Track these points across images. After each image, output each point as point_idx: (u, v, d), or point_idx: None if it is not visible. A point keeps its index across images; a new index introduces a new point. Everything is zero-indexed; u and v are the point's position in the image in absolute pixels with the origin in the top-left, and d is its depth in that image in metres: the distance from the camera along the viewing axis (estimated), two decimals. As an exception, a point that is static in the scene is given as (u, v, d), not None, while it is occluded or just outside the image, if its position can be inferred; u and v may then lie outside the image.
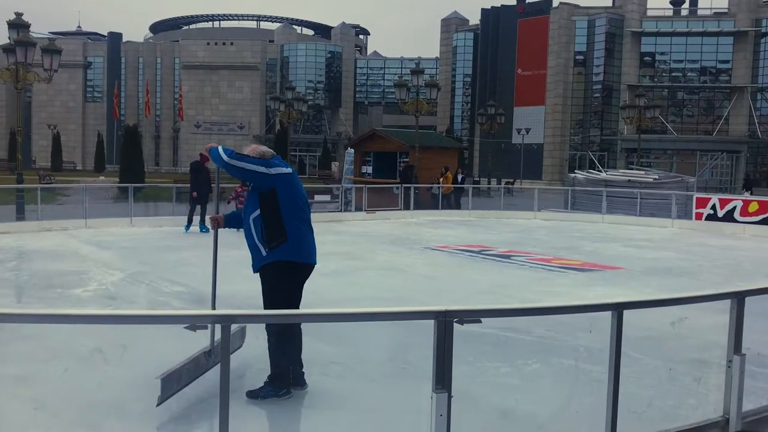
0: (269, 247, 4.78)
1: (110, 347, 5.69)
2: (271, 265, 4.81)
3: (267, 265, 4.83)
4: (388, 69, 79.75)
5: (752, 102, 59.06)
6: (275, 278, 4.83)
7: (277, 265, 4.79)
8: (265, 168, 4.73)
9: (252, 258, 4.97)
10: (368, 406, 5.10)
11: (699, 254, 14.21)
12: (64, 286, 9.08)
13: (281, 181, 4.78)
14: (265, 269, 4.86)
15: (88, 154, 76.33)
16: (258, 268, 4.93)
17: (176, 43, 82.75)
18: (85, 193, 17.05)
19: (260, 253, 4.85)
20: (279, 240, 4.76)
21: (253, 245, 4.90)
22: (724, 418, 4.29)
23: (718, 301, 4.43)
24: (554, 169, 62.33)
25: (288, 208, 4.79)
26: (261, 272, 4.92)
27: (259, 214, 4.79)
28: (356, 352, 6.14)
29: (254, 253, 4.92)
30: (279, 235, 4.76)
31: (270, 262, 4.80)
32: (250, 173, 4.73)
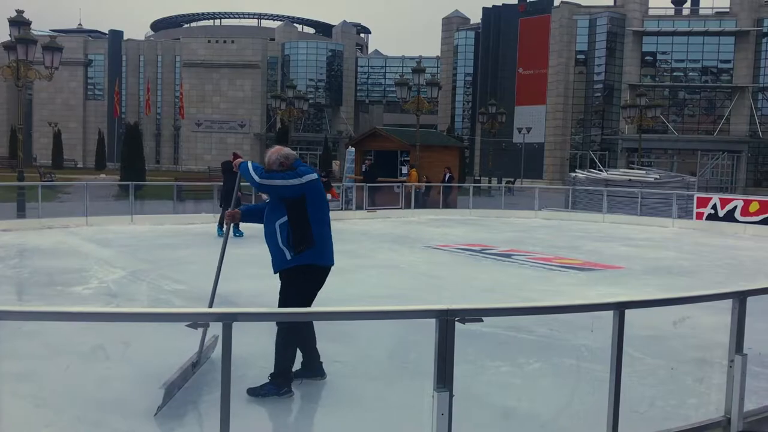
0: (295, 252, 4.83)
1: (112, 345, 5.70)
2: (295, 269, 4.86)
3: (291, 269, 4.88)
4: (389, 68, 79.70)
5: (753, 102, 59.02)
6: (300, 281, 4.90)
7: (302, 269, 4.86)
8: (297, 179, 4.80)
9: (273, 259, 5.00)
10: (369, 404, 5.10)
11: (700, 254, 14.20)
12: (65, 283, 9.08)
13: (311, 187, 4.85)
14: (288, 272, 4.91)
15: (88, 151, 76.33)
16: (280, 270, 4.96)
17: (177, 41, 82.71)
18: (86, 191, 17.05)
19: (284, 256, 4.87)
20: (306, 245, 4.82)
21: (276, 249, 4.91)
22: (726, 418, 4.29)
23: (719, 300, 4.42)
24: (555, 168, 62.32)
25: (315, 213, 4.88)
26: (284, 274, 4.96)
27: (287, 220, 4.83)
28: (358, 350, 6.14)
29: (277, 256, 4.94)
30: (306, 240, 4.82)
31: (295, 265, 4.85)
32: (284, 188, 4.80)
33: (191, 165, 74.70)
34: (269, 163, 4.97)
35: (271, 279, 10.22)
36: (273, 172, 4.86)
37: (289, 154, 4.98)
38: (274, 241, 4.90)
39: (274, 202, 4.92)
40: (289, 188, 4.78)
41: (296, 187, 4.79)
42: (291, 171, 4.85)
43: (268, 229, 4.95)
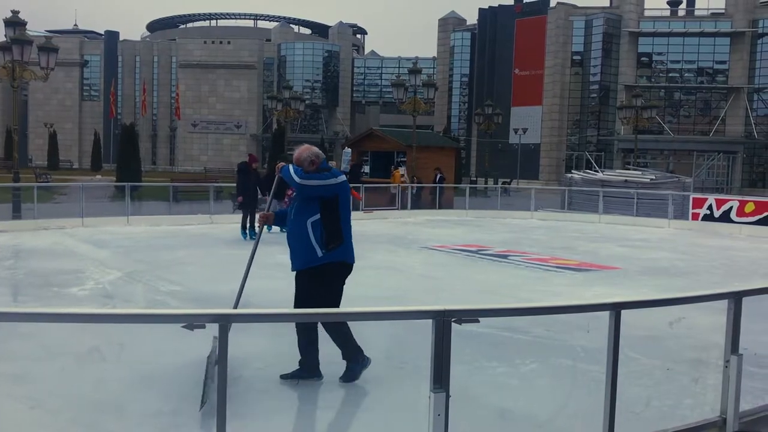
0: (327, 249, 5.02)
1: (107, 346, 5.68)
2: (326, 266, 5.05)
3: (322, 266, 5.04)
4: (385, 68, 79.76)
5: (749, 102, 59.20)
6: (330, 277, 5.09)
7: (332, 266, 5.06)
8: (334, 179, 5.07)
9: (298, 256, 5.13)
10: (366, 405, 5.10)
11: (696, 254, 14.23)
12: (61, 284, 9.06)
13: (343, 188, 5.14)
14: (317, 269, 5.05)
15: (84, 152, 76.23)
16: (308, 266, 5.08)
17: (173, 42, 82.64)
18: (81, 192, 17.01)
19: (315, 253, 5.02)
20: (337, 242, 5.05)
21: (307, 246, 5.04)
22: (722, 418, 4.29)
23: (715, 301, 4.43)
24: (551, 169, 62.41)
25: (344, 212, 5.14)
26: (311, 271, 5.08)
27: (319, 218, 5.02)
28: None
29: (306, 253, 5.07)
30: (337, 238, 5.05)
31: (326, 262, 5.04)
32: (323, 188, 5.03)
33: (187, 166, 74.65)
34: (300, 160, 5.13)
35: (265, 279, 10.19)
36: (306, 170, 5.08)
37: (319, 153, 5.18)
38: (304, 238, 5.03)
39: (305, 202, 5.07)
40: (327, 188, 5.02)
41: (333, 186, 5.04)
42: (326, 172, 5.07)
43: (297, 228, 5.08)
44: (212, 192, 19.00)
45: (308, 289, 5.11)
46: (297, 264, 5.15)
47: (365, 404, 5.12)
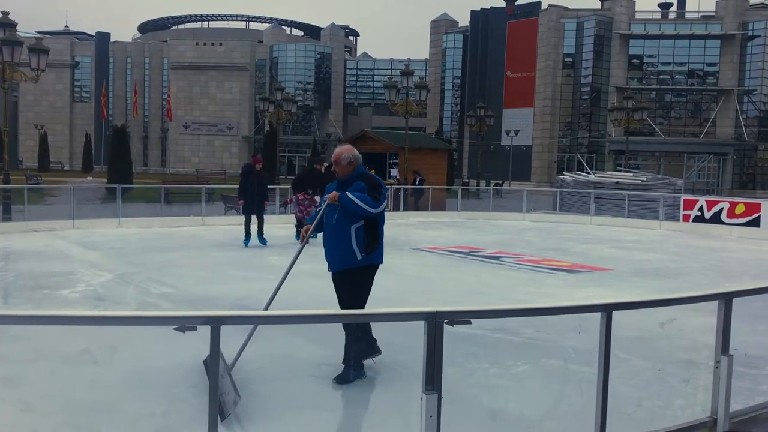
0: (366, 252, 5.28)
1: (99, 348, 5.66)
2: (364, 268, 5.34)
3: (360, 268, 5.31)
4: (377, 70, 79.82)
5: (739, 105, 59.55)
6: (369, 278, 5.40)
7: (369, 268, 5.39)
8: (385, 197, 5.38)
9: (337, 259, 5.35)
10: (358, 407, 5.10)
11: (687, 255, 14.29)
12: (52, 287, 9.02)
13: (385, 196, 5.41)
14: (357, 270, 5.31)
15: (75, 154, 75.93)
16: (346, 268, 5.31)
17: (165, 43, 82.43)
18: (72, 194, 16.94)
19: (354, 257, 5.26)
20: (374, 246, 5.33)
21: (347, 249, 5.26)
22: (712, 419, 4.32)
23: (706, 302, 4.46)
24: (543, 170, 62.59)
25: (382, 217, 5.42)
26: (351, 272, 5.31)
27: (362, 225, 5.27)
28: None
29: (345, 256, 5.29)
30: (375, 241, 5.33)
31: (365, 265, 5.32)
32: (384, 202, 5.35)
33: (179, 167, 74.43)
34: (340, 159, 5.30)
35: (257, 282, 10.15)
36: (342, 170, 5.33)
37: (358, 156, 5.37)
38: (345, 242, 5.24)
39: (348, 210, 5.22)
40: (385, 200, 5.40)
41: (385, 198, 5.41)
42: (379, 188, 5.27)
43: (339, 232, 5.27)
44: (204, 194, 18.95)
45: (349, 289, 5.35)
46: (336, 266, 5.37)
47: (358, 406, 5.12)
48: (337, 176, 5.40)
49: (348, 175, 5.30)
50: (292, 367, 5.86)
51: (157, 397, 4.97)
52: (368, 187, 5.21)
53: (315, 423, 4.75)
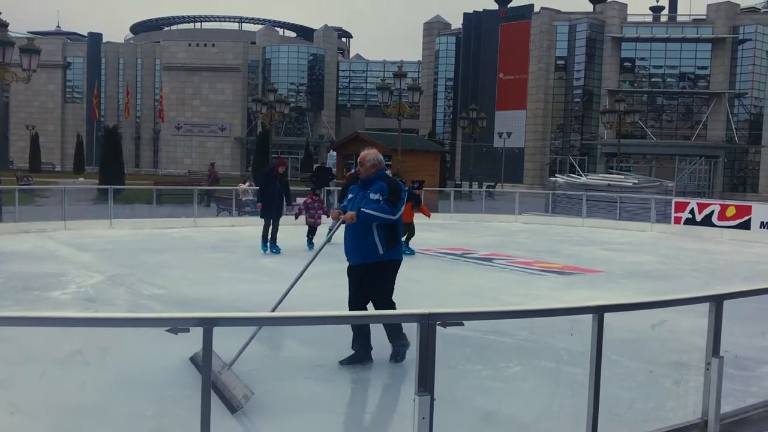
0: (387, 247, 5.71)
1: (90, 350, 5.62)
2: (387, 263, 5.79)
3: (383, 262, 5.75)
4: (370, 72, 79.78)
5: (730, 108, 59.86)
6: (393, 271, 5.89)
7: (393, 263, 5.85)
8: (404, 194, 5.90)
9: (359, 253, 5.77)
10: (351, 408, 5.10)
11: (678, 258, 14.35)
12: (42, 288, 8.97)
13: (404, 200, 5.89)
14: (378, 264, 5.74)
15: (67, 155, 75.53)
16: (366, 262, 5.74)
17: (157, 44, 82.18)
18: (64, 195, 16.87)
19: (376, 251, 5.69)
20: (395, 242, 5.79)
21: (369, 244, 5.69)
22: (703, 420, 4.34)
23: (697, 304, 4.48)
24: (535, 173, 62.73)
25: (400, 218, 5.83)
26: (372, 266, 5.73)
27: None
28: (340, 354, 6.12)
29: (367, 251, 5.71)
30: (396, 238, 5.81)
31: (388, 259, 5.76)
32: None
33: (171, 169, 74.16)
34: (365, 160, 5.78)
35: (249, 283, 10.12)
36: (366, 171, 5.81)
37: (382, 160, 5.89)
38: (369, 236, 5.67)
39: (371, 205, 5.66)
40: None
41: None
42: (399, 191, 5.73)
43: (363, 229, 5.68)
44: (196, 195, 18.91)
45: (366, 282, 5.75)
46: (357, 259, 5.78)
47: (350, 407, 5.11)
48: (361, 176, 5.86)
49: (371, 176, 5.78)
50: (285, 368, 5.86)
51: (148, 398, 4.95)
52: (389, 188, 5.67)
53: (308, 424, 4.74)
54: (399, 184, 5.90)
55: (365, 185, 5.79)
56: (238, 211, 19.88)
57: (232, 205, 19.77)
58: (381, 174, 5.83)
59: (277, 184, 13.10)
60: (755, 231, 18.01)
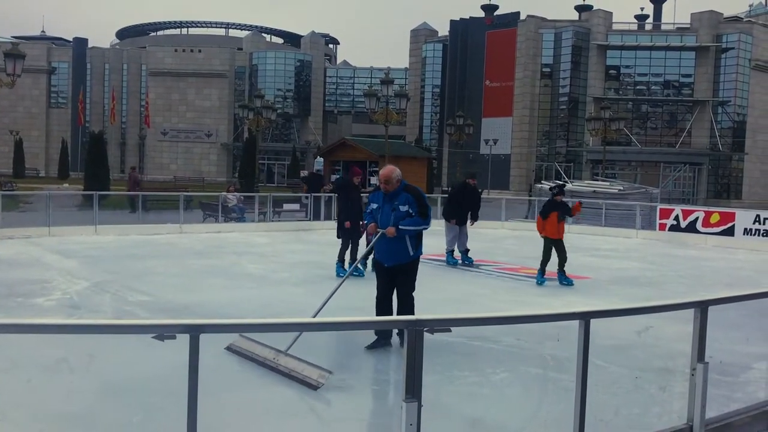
0: (415, 248, 6.55)
1: (75, 357, 5.59)
2: (415, 261, 6.61)
3: (413, 261, 6.57)
4: (357, 78, 79.89)
5: (713, 115, 60.46)
6: (417, 267, 6.69)
7: (418, 260, 6.67)
8: (426, 200, 6.62)
9: (393, 256, 6.50)
10: (338, 415, 5.09)
11: (663, 264, 14.45)
12: (26, 294, 8.89)
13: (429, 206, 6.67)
14: (411, 263, 6.58)
15: (51, 160, 74.97)
16: (401, 263, 6.51)
17: (143, 50, 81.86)
18: (48, 201, 16.73)
19: (407, 253, 6.50)
20: (420, 242, 6.62)
21: (402, 248, 6.48)
22: (688, 426, 4.37)
23: (682, 310, 4.51)
24: (521, 179, 62.97)
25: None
26: (405, 266, 6.53)
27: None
28: (326, 361, 6.11)
29: (400, 253, 6.49)
30: (421, 239, 6.63)
31: (415, 258, 6.59)
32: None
33: (157, 174, 73.78)
34: (391, 177, 6.45)
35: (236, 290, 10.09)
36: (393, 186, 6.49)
37: (400, 173, 6.58)
38: (402, 242, 6.45)
39: (401, 215, 6.43)
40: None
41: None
42: (423, 200, 6.52)
43: (395, 236, 6.41)
44: (182, 201, 18.82)
45: (397, 278, 6.52)
46: (392, 261, 6.50)
47: (338, 414, 5.10)
48: (386, 191, 6.52)
49: (396, 189, 6.47)
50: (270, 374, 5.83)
51: (135, 406, 4.92)
52: (416, 200, 6.41)
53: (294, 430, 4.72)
54: (420, 192, 6.61)
55: (391, 199, 6.49)
56: (224, 217, 19.81)
57: (219, 211, 19.69)
58: (404, 185, 6.53)
59: (357, 195, 11.61)
60: (739, 237, 18.17)
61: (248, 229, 19.16)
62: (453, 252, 13.16)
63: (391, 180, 6.45)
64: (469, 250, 13.20)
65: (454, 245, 13.18)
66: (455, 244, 13.17)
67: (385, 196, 6.57)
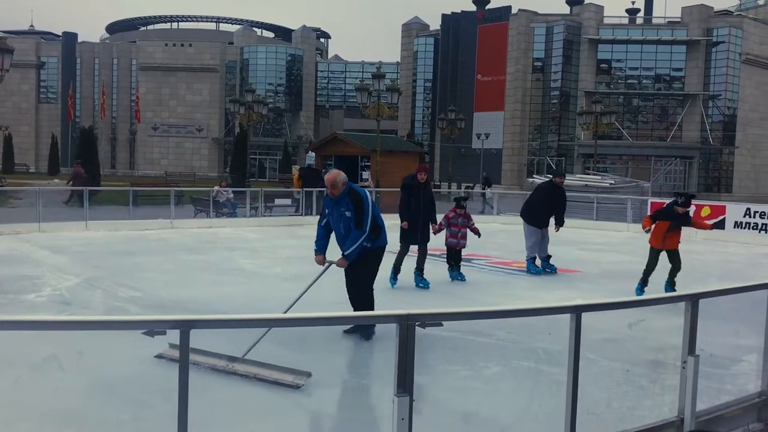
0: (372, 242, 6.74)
1: (65, 354, 5.55)
2: (373, 250, 6.81)
3: (371, 250, 6.74)
4: (349, 73, 79.72)
5: (704, 109, 60.68)
6: (378, 257, 6.98)
7: (378, 250, 6.91)
8: (367, 199, 6.72)
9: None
10: (330, 409, 5.08)
11: (654, 257, 14.46)
12: (17, 291, 8.84)
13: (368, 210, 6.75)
14: (367, 253, 6.74)
15: (41, 156, 74.54)
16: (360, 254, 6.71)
17: (133, 44, 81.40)
18: (38, 196, 16.63)
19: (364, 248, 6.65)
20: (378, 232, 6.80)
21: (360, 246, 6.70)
22: (679, 418, 4.38)
23: (673, 303, 4.52)
24: (513, 173, 63.09)
25: (375, 208, 6.86)
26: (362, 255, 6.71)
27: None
28: (318, 356, 6.11)
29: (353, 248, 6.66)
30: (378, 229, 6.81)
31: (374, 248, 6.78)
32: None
33: (147, 170, 73.51)
34: (336, 181, 6.55)
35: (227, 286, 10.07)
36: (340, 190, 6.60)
37: (345, 177, 6.67)
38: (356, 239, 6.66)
39: (347, 221, 6.62)
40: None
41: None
42: (362, 204, 6.54)
43: (349, 235, 6.64)
44: (173, 196, 18.75)
45: (360, 268, 6.72)
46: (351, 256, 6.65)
47: (329, 408, 5.10)
48: (332, 196, 6.61)
49: (341, 194, 6.56)
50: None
51: (125, 403, 4.90)
52: (353, 206, 6.48)
53: (285, 427, 4.72)
54: (360, 195, 6.60)
55: (337, 202, 6.60)
56: (216, 212, 19.75)
57: (210, 206, 19.63)
58: (347, 190, 6.60)
59: (421, 196, 10.14)
60: (729, 231, 18.25)
61: (240, 224, 19.11)
62: (535, 259, 11.73)
63: (336, 184, 6.55)
64: (551, 257, 11.82)
65: (535, 252, 11.72)
66: (537, 250, 11.73)
67: (332, 200, 6.67)
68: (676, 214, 9.72)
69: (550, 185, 12.14)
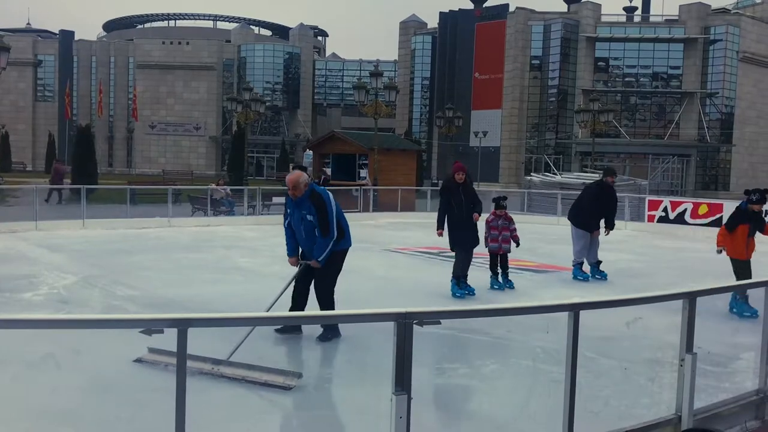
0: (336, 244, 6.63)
1: (62, 353, 5.54)
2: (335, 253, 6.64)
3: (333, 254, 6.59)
4: (346, 71, 79.67)
5: (701, 107, 60.75)
6: (339, 261, 6.79)
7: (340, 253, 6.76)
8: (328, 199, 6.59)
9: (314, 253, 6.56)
10: (327, 408, 5.08)
11: (652, 255, 14.51)
12: (14, 290, 8.82)
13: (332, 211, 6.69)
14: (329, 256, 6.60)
15: (38, 154, 74.41)
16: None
17: (131, 42, 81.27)
18: (35, 195, 16.60)
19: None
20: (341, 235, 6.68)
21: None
22: (677, 416, 4.39)
23: (671, 301, 4.52)
24: (510, 171, 63.11)
25: (339, 211, 6.78)
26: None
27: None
28: (316, 353, 6.10)
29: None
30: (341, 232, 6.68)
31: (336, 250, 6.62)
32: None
33: (145, 168, 73.45)
34: (298, 182, 6.38)
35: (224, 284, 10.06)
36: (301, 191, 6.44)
37: (307, 179, 6.52)
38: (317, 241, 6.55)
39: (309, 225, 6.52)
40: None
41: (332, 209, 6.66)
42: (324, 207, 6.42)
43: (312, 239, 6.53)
44: (170, 195, 18.72)
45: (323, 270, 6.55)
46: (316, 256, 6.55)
47: (326, 407, 5.09)
48: (294, 197, 6.45)
49: (303, 196, 6.39)
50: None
51: (122, 402, 4.89)
52: (316, 210, 6.35)
53: (282, 425, 4.71)
54: (322, 199, 6.44)
55: (299, 204, 6.47)
56: (213, 211, 19.72)
57: (207, 205, 19.61)
58: (309, 192, 6.44)
59: (462, 197, 9.39)
60: (727, 229, 18.25)
61: (238, 222, 19.10)
62: (582, 265, 11.02)
63: (298, 185, 6.39)
64: (600, 262, 11.09)
65: (583, 257, 11.00)
66: (585, 255, 11.02)
67: (293, 202, 6.53)
68: (752, 213, 8.84)
69: (599, 185, 11.27)
